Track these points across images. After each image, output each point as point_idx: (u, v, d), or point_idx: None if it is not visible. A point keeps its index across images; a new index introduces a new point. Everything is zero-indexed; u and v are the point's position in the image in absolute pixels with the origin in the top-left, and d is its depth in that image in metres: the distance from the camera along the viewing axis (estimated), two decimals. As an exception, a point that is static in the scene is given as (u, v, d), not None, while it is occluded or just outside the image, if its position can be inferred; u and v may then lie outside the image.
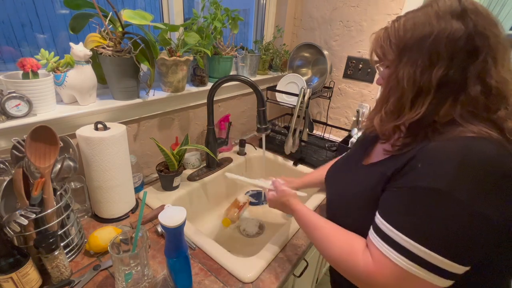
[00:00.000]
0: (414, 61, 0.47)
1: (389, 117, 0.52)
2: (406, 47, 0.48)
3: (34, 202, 0.59)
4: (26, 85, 0.66)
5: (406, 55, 0.48)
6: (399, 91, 0.49)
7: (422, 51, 0.46)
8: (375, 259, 0.46)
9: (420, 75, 0.47)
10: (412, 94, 0.48)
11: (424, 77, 0.46)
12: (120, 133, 0.74)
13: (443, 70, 0.45)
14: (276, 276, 0.67)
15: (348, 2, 1.29)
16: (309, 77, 1.45)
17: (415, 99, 0.48)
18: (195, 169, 1.09)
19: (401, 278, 0.42)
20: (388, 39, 0.51)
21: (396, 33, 0.49)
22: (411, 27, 0.48)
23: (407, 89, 0.48)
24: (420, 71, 0.46)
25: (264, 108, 0.93)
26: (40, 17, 0.80)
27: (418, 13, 0.48)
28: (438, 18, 0.45)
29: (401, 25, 0.49)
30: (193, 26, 0.96)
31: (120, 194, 0.79)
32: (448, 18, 0.45)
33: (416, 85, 0.47)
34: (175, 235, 0.55)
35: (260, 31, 1.48)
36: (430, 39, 0.45)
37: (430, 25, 0.46)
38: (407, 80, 0.48)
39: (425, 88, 0.47)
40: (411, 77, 0.47)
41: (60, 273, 0.60)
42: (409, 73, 0.47)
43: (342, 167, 0.72)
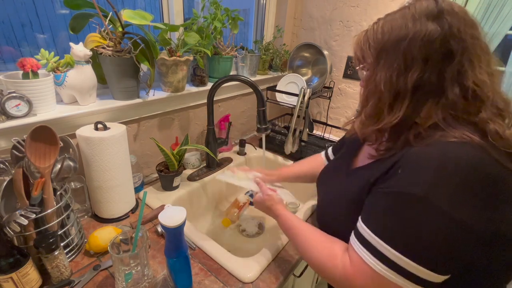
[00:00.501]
0: (390, 64, 0.47)
1: (368, 121, 0.52)
2: (383, 50, 0.49)
3: (34, 202, 0.59)
4: (26, 85, 0.66)
5: (383, 58, 0.49)
6: (377, 95, 0.50)
7: (398, 54, 0.46)
8: (353, 263, 0.46)
9: (396, 78, 0.47)
10: (390, 98, 0.48)
11: (400, 81, 0.46)
12: (120, 133, 0.74)
13: (418, 73, 0.45)
14: (276, 276, 0.67)
15: (348, 2, 1.29)
16: (309, 77, 1.45)
17: (393, 103, 0.48)
18: (195, 169, 1.09)
19: (377, 283, 0.42)
20: (367, 42, 0.51)
21: (375, 36, 0.50)
22: (388, 30, 0.48)
23: (384, 93, 0.48)
24: (396, 74, 0.47)
25: (264, 108, 0.93)
26: (40, 17, 0.80)
27: (396, 15, 0.48)
28: (414, 20, 0.46)
29: (379, 27, 0.50)
30: (193, 26, 0.96)
31: (120, 194, 0.79)
32: (423, 20, 0.45)
33: (393, 89, 0.47)
34: (175, 235, 0.55)
35: (260, 31, 1.48)
36: (405, 42, 0.45)
37: (406, 27, 0.46)
38: (384, 84, 0.48)
39: (402, 91, 0.47)
40: (387, 80, 0.48)
41: (60, 273, 0.60)
42: (385, 77, 0.48)
43: (332, 171, 0.72)
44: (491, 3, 2.39)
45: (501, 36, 2.62)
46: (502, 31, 2.59)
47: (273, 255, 0.72)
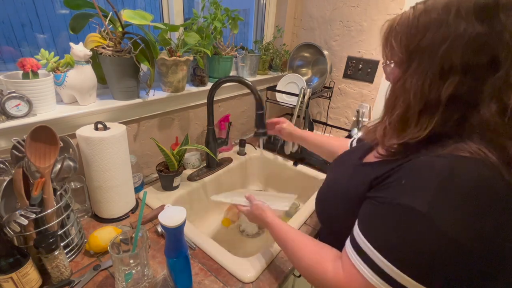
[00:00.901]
0: (424, 70, 0.41)
1: (393, 131, 0.47)
2: (417, 51, 0.42)
3: (34, 202, 0.59)
4: (26, 85, 0.66)
5: (416, 60, 0.42)
6: (405, 103, 0.44)
7: (434, 60, 0.40)
8: (345, 270, 0.45)
9: (428, 87, 0.41)
10: (419, 109, 0.42)
11: (432, 91, 0.40)
12: (120, 133, 0.74)
13: (455, 84, 0.39)
14: (276, 276, 0.67)
15: (348, 2, 1.29)
16: (309, 77, 1.45)
17: (421, 115, 0.42)
18: (195, 169, 1.09)
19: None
20: (399, 35, 0.44)
21: (409, 30, 0.43)
22: (426, 25, 0.40)
23: (413, 103, 0.42)
24: (429, 83, 0.41)
25: (263, 111, 0.90)
26: (40, 17, 0.80)
27: (439, 3, 0.40)
28: (458, 18, 0.38)
29: (416, 18, 0.42)
30: (193, 26, 0.96)
31: (120, 194, 0.79)
32: (470, 18, 0.37)
33: (424, 99, 0.41)
34: (175, 235, 0.55)
35: (260, 31, 1.48)
36: (445, 45, 0.38)
37: (447, 25, 0.38)
38: (414, 93, 0.42)
39: (433, 103, 0.41)
40: (418, 89, 0.42)
41: (60, 273, 0.60)
42: (416, 84, 0.42)
43: (344, 159, 0.69)
44: None
45: (501, 36, 2.61)
46: (502, 31, 2.58)
47: (273, 255, 0.72)
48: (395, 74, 0.47)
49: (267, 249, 0.73)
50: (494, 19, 0.37)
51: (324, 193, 0.63)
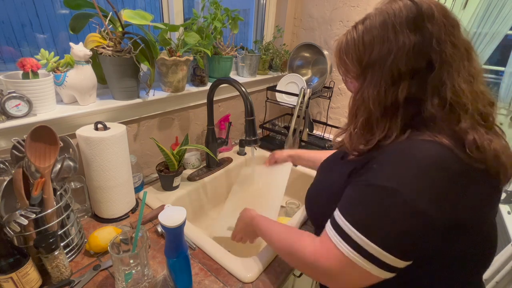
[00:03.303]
0: (377, 81, 0.47)
1: (358, 136, 0.52)
2: (368, 66, 0.48)
3: (34, 202, 0.59)
4: (26, 85, 0.66)
5: (369, 73, 0.48)
6: (366, 112, 0.49)
7: (384, 70, 0.46)
8: (322, 243, 0.48)
9: (384, 94, 0.47)
10: (380, 114, 0.48)
11: (389, 96, 0.46)
12: (120, 133, 0.74)
13: (407, 87, 0.45)
14: (276, 276, 0.67)
15: (348, 2, 1.29)
16: (309, 77, 1.45)
17: (383, 118, 0.48)
18: (195, 169, 1.09)
19: (343, 264, 0.44)
20: (350, 53, 0.50)
21: (357, 48, 0.49)
22: (370, 42, 0.47)
23: (374, 110, 0.48)
24: (384, 90, 0.46)
25: (253, 117, 0.84)
26: (40, 17, 0.80)
27: (376, 22, 0.47)
28: (396, 32, 0.45)
29: (360, 37, 0.48)
30: (193, 26, 0.96)
31: (120, 194, 0.79)
32: (405, 31, 0.44)
33: (382, 105, 0.47)
34: (175, 235, 0.55)
35: (260, 31, 1.48)
36: (390, 58, 0.45)
37: (389, 41, 0.45)
38: (373, 101, 0.48)
39: (392, 106, 0.47)
40: (376, 97, 0.47)
41: (60, 273, 0.60)
42: (373, 94, 0.47)
43: (330, 158, 0.73)
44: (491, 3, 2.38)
45: (501, 36, 2.62)
46: (502, 31, 2.59)
47: (273, 255, 0.72)
48: (354, 86, 0.53)
49: (267, 249, 0.73)
50: (423, 29, 0.44)
51: (310, 192, 0.67)
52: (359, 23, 0.50)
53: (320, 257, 0.47)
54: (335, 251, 0.45)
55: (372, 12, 0.49)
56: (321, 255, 0.47)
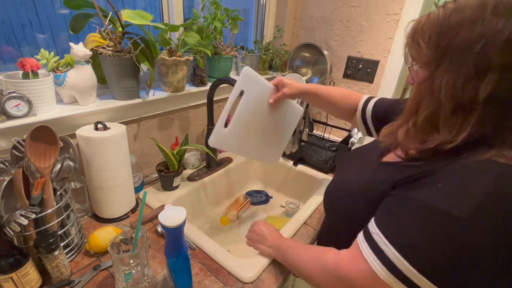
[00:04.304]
0: (456, 69, 0.38)
1: (418, 134, 0.44)
2: (447, 50, 0.39)
3: (34, 202, 0.59)
4: (26, 85, 0.66)
5: (447, 59, 0.39)
6: (433, 105, 0.41)
7: (468, 58, 0.37)
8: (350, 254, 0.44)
9: (462, 87, 0.38)
10: (449, 111, 0.39)
11: (467, 91, 0.37)
12: (120, 133, 0.74)
13: (494, 83, 0.36)
14: (276, 276, 0.67)
15: (348, 2, 1.29)
16: (309, 77, 1.45)
17: (453, 117, 0.39)
18: (195, 169, 1.09)
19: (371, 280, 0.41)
20: (427, 34, 0.41)
21: (438, 28, 0.40)
22: (458, 23, 0.38)
23: (444, 104, 0.39)
24: (462, 82, 0.38)
25: None
26: (40, 17, 0.80)
27: (473, 2, 0.37)
28: (495, 15, 0.35)
29: (446, 17, 0.39)
30: (193, 26, 0.96)
31: (120, 194, 0.79)
32: (510, 15, 0.35)
33: (456, 100, 0.39)
34: (175, 235, 0.55)
35: (260, 31, 1.48)
36: (481, 43, 0.36)
37: (484, 23, 0.36)
38: (445, 92, 0.39)
39: (468, 104, 0.38)
40: (450, 88, 0.39)
41: (60, 273, 0.60)
42: (448, 84, 0.39)
43: (357, 156, 0.66)
44: None
45: (501, 36, 2.61)
46: (502, 31, 2.58)
47: (273, 255, 0.72)
48: (421, 75, 0.44)
49: (267, 249, 0.73)
50: None
51: (336, 188, 0.61)
52: (450, 1, 0.41)
53: (343, 265, 0.44)
54: (365, 266, 0.41)
55: None
56: (345, 264, 0.43)
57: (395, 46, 1.20)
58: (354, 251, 0.44)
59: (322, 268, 0.48)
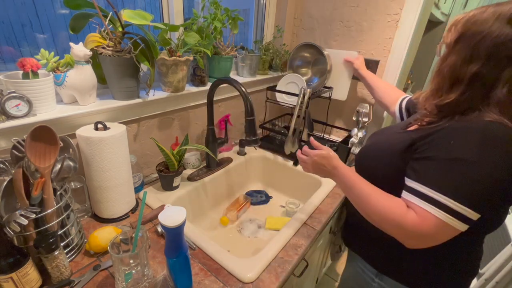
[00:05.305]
0: (461, 52, 0.55)
1: (431, 95, 0.61)
2: (462, 37, 0.55)
3: (34, 202, 0.59)
4: (26, 85, 0.66)
5: (459, 44, 0.56)
6: (441, 75, 0.59)
7: (469, 46, 0.53)
8: (419, 215, 0.54)
9: (460, 66, 0.55)
10: (450, 81, 0.57)
11: (462, 69, 0.54)
12: (120, 133, 0.74)
13: (478, 67, 0.52)
14: (276, 276, 0.67)
15: (348, 2, 1.29)
16: (309, 77, 1.45)
17: (451, 86, 0.57)
18: (195, 169, 1.09)
19: (440, 227, 0.52)
20: (459, 24, 0.57)
21: (465, 22, 0.55)
22: (475, 21, 0.54)
23: (446, 75, 0.57)
24: (460, 62, 0.55)
25: (253, 117, 0.85)
26: (40, 17, 0.80)
27: (489, 9, 0.53)
28: (496, 21, 0.51)
29: (474, 16, 0.55)
30: (193, 26, 0.96)
31: (120, 194, 0.79)
32: (503, 22, 0.50)
33: (454, 75, 0.56)
34: (175, 235, 0.55)
35: (260, 31, 1.48)
36: (479, 37, 0.52)
37: (487, 24, 0.52)
38: (449, 68, 0.57)
39: (460, 79, 0.55)
40: (452, 65, 0.56)
41: (60, 273, 0.60)
42: (453, 62, 0.56)
43: (388, 128, 0.81)
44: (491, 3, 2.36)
45: (501, 36, 2.58)
46: (502, 31, 2.55)
47: (273, 255, 0.72)
48: (444, 52, 0.60)
49: (267, 249, 0.73)
50: None
51: (366, 151, 0.76)
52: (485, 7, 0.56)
53: (421, 226, 0.53)
54: (432, 218, 0.52)
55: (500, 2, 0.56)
56: (421, 225, 0.53)
57: (395, 46, 1.20)
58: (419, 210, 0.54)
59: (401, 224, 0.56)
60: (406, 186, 0.59)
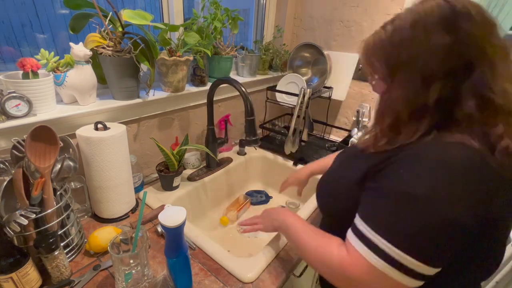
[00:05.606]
0: (406, 83, 0.45)
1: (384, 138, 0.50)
2: (396, 66, 0.47)
3: (34, 202, 0.59)
4: (26, 85, 0.66)
5: (398, 74, 0.47)
6: (394, 113, 0.48)
7: (414, 72, 0.44)
8: (351, 255, 0.46)
9: (413, 97, 0.45)
10: (407, 116, 0.46)
11: (419, 98, 0.44)
12: (120, 133, 0.74)
13: (439, 89, 0.43)
14: (276, 276, 0.67)
15: (348, 2, 1.29)
16: (309, 77, 1.45)
17: (411, 121, 0.46)
18: (195, 169, 1.09)
19: (374, 275, 0.43)
20: (377, 54, 0.49)
21: (385, 49, 0.48)
22: (399, 43, 0.45)
23: (402, 111, 0.46)
24: (413, 93, 0.45)
25: (253, 117, 0.84)
26: (40, 17, 0.80)
27: (406, 22, 0.45)
28: (427, 33, 0.43)
29: (389, 38, 0.47)
30: (193, 26, 0.96)
31: (120, 194, 0.79)
32: (438, 31, 0.42)
33: (411, 107, 0.46)
34: (175, 235, 0.55)
35: (260, 31, 1.48)
36: (421, 59, 0.43)
37: (419, 42, 0.43)
38: (401, 103, 0.46)
39: (421, 109, 0.45)
40: (404, 99, 0.46)
41: (60, 273, 0.60)
42: (402, 96, 0.46)
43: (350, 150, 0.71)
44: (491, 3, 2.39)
45: (501, 36, 2.59)
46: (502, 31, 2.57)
47: (273, 255, 0.72)
48: (381, 87, 0.51)
49: (267, 249, 0.73)
50: (458, 29, 0.41)
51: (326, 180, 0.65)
52: (388, 23, 0.48)
53: (347, 266, 0.46)
54: (363, 262, 0.44)
55: (402, 12, 0.48)
56: (349, 265, 0.46)
57: (395, 46, 1.20)
58: (350, 248, 0.47)
59: (327, 263, 0.50)
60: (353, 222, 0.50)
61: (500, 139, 0.40)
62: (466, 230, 0.40)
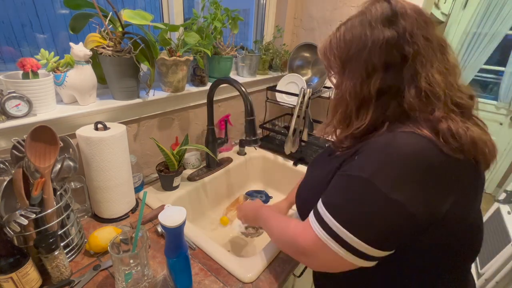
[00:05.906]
0: (354, 74, 0.51)
1: (339, 128, 0.57)
2: (347, 60, 0.52)
3: (34, 202, 0.59)
4: (26, 85, 0.66)
5: (348, 67, 0.52)
6: (344, 103, 0.53)
7: (360, 63, 0.49)
8: (304, 226, 0.51)
9: (360, 87, 0.50)
10: (356, 106, 0.51)
11: (363, 89, 0.50)
12: (120, 133, 0.74)
13: (380, 79, 0.48)
14: (276, 276, 0.67)
15: (348, 2, 1.29)
16: (309, 77, 1.45)
17: (359, 110, 0.52)
18: (195, 169, 1.09)
19: (318, 245, 0.47)
20: (332, 51, 0.54)
21: (338, 46, 0.53)
22: (350, 39, 0.51)
23: (350, 101, 0.52)
24: (359, 83, 0.50)
25: (253, 117, 0.85)
26: (40, 17, 0.80)
27: (356, 22, 0.51)
28: (371, 28, 0.48)
29: (341, 35, 0.53)
30: (193, 26, 0.96)
31: (120, 194, 0.79)
32: (380, 26, 0.48)
33: (358, 97, 0.51)
34: (175, 235, 0.55)
35: (260, 31, 1.48)
36: (366, 51, 0.48)
37: (365, 36, 0.48)
38: (349, 93, 0.51)
39: (366, 98, 0.50)
40: (352, 89, 0.51)
41: (60, 273, 0.60)
42: (350, 86, 0.51)
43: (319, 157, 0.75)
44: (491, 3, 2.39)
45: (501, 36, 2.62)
46: (502, 31, 2.59)
47: (273, 255, 0.72)
48: (337, 81, 0.57)
49: (267, 249, 0.73)
50: (397, 24, 0.47)
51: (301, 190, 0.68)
52: (342, 24, 0.55)
53: (297, 235, 0.51)
54: (311, 231, 0.48)
55: (353, 14, 0.54)
56: (298, 234, 0.51)
57: (395, 46, 1.20)
58: (305, 221, 0.51)
59: (284, 235, 0.56)
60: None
61: (439, 122, 0.44)
62: (410, 214, 0.41)
